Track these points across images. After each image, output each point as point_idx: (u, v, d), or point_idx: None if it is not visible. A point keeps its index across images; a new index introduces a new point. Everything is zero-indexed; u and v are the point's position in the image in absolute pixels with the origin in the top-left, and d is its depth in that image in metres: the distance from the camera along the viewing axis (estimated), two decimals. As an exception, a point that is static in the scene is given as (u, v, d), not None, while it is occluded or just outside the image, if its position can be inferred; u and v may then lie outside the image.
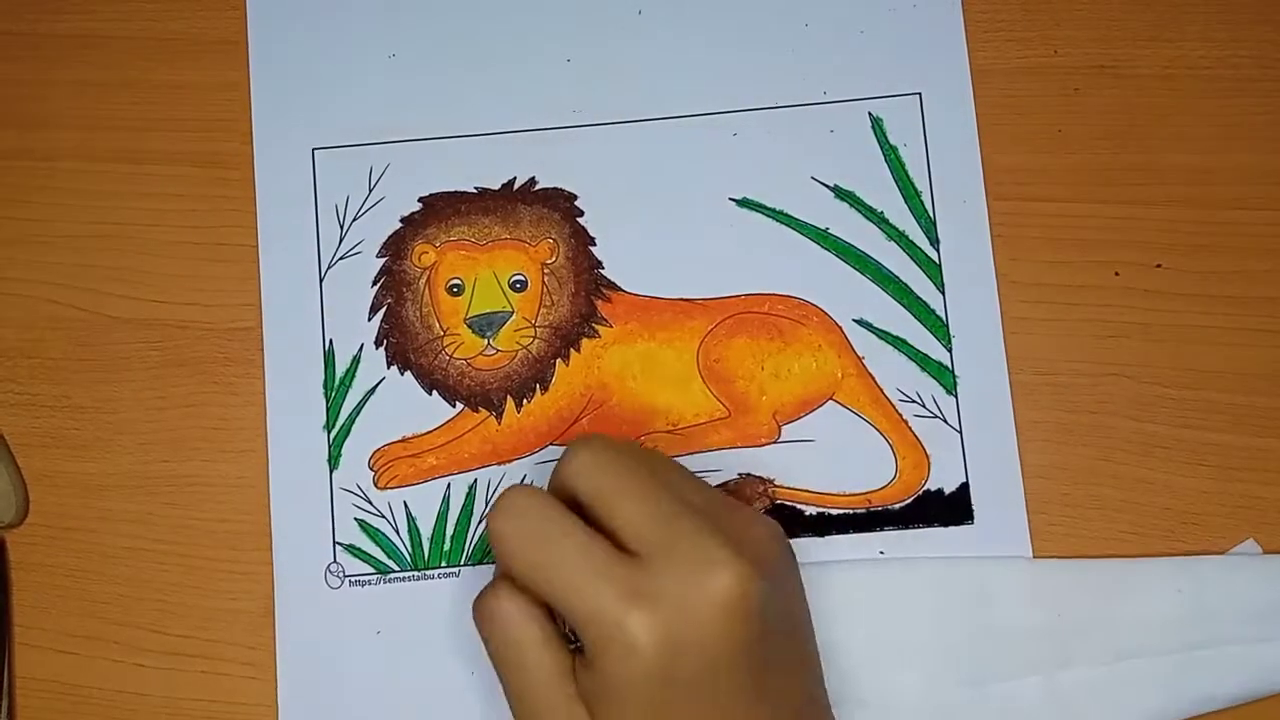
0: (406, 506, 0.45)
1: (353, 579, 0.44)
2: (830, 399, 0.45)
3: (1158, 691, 0.42)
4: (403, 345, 0.45)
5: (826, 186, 0.46)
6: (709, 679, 0.33)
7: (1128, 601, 0.42)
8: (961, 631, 0.42)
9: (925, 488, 0.44)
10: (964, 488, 0.44)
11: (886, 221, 0.45)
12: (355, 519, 0.44)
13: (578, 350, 0.45)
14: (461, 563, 0.44)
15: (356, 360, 0.45)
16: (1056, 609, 0.42)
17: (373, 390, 0.45)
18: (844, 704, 0.40)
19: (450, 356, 0.45)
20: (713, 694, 0.34)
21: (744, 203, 0.46)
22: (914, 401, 0.44)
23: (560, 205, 0.46)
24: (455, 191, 0.46)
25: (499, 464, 0.45)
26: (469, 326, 0.45)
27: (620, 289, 0.45)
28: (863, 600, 0.43)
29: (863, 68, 0.46)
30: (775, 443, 0.44)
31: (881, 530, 0.44)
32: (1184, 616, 0.42)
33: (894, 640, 0.42)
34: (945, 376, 0.45)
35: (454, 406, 0.45)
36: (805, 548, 0.43)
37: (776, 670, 0.35)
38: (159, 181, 0.46)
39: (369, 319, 0.45)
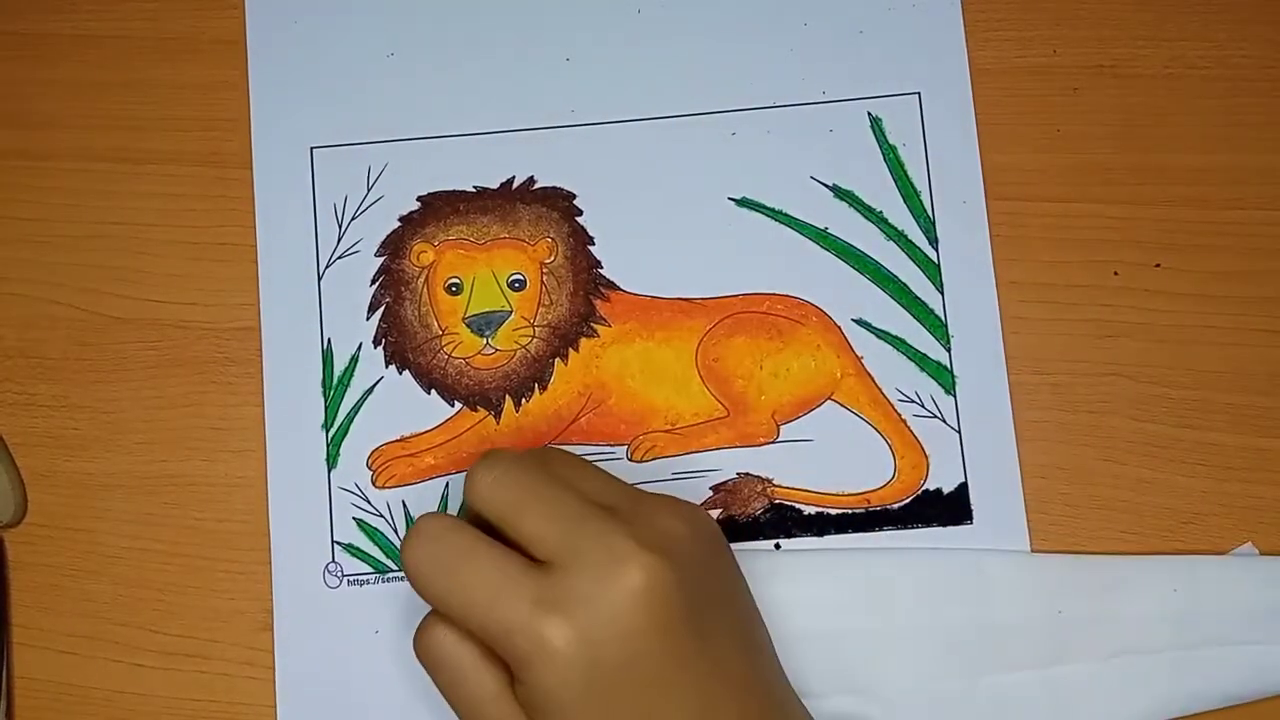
0: (405, 506, 0.44)
1: (351, 578, 0.44)
2: (829, 399, 0.45)
3: (1152, 689, 0.42)
4: (401, 344, 0.45)
5: (825, 186, 0.45)
6: (639, 669, 0.34)
7: (1125, 598, 0.42)
8: (957, 623, 0.42)
9: (924, 487, 0.44)
10: (963, 487, 0.44)
11: (885, 221, 0.45)
12: (354, 518, 0.44)
13: (576, 350, 0.45)
14: (460, 562, 0.44)
15: (355, 359, 0.45)
16: (1054, 603, 0.42)
17: (371, 389, 0.45)
18: (839, 694, 0.40)
19: (449, 356, 0.45)
20: (647, 682, 0.34)
21: (743, 202, 0.46)
22: (913, 401, 0.44)
23: (559, 204, 0.46)
24: (454, 190, 0.46)
25: (497, 464, 0.45)
26: (467, 326, 0.45)
27: (619, 288, 0.45)
28: (859, 590, 0.43)
29: (862, 67, 0.46)
30: (774, 442, 0.44)
31: (880, 530, 0.44)
32: (1180, 615, 0.42)
33: (890, 631, 0.42)
34: (944, 376, 0.44)
35: (452, 406, 0.45)
36: (802, 546, 0.43)
37: (712, 646, 0.35)
38: (158, 181, 0.46)
39: (367, 318, 0.45)
